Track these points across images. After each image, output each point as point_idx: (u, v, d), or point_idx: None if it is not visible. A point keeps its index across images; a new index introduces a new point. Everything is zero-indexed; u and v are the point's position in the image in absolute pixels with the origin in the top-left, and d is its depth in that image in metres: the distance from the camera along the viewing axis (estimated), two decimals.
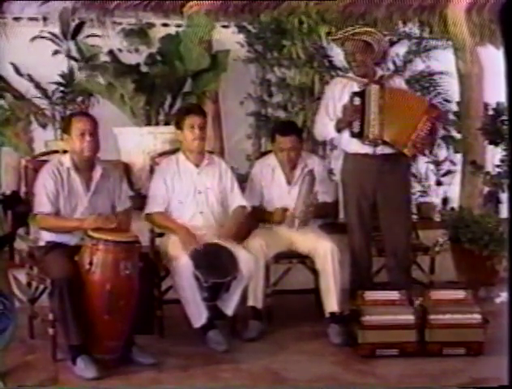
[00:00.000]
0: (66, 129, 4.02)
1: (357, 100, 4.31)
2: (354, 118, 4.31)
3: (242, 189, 4.53)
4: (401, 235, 4.49)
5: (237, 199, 4.41)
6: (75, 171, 3.96)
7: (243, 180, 4.71)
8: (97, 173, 4.00)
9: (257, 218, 4.57)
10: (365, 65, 4.40)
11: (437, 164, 5.94)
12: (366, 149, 4.38)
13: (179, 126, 4.37)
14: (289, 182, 4.56)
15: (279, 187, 4.56)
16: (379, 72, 4.53)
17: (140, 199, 4.71)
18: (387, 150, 4.38)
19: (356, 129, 4.33)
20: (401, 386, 3.65)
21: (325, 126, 4.48)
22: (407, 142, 4.29)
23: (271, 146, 4.73)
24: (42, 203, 3.89)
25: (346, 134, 4.41)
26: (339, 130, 4.41)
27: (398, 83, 4.60)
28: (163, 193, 4.31)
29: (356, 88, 4.38)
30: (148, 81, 5.56)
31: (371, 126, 4.29)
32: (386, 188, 4.41)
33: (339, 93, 4.44)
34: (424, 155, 4.99)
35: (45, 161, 4.09)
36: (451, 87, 5.42)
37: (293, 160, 4.54)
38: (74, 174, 3.96)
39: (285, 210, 4.45)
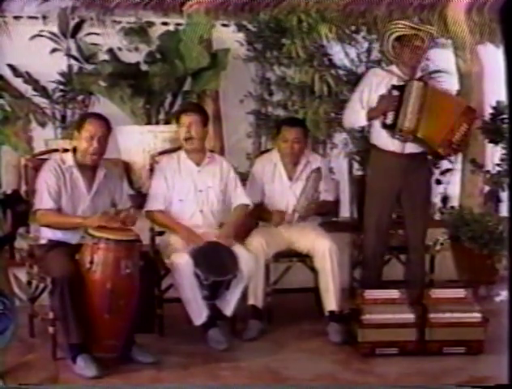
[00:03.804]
0: (77, 127, 4.00)
1: (396, 93, 4.31)
2: (389, 109, 4.31)
3: (243, 187, 4.54)
4: (421, 232, 4.57)
5: (241, 197, 4.41)
6: (78, 170, 3.96)
7: (243, 178, 4.71)
8: (101, 173, 4.00)
9: (256, 216, 4.58)
10: (417, 61, 4.43)
11: (435, 162, 5.93)
12: (395, 145, 4.39)
13: (177, 124, 4.40)
14: (291, 178, 4.57)
15: (280, 183, 4.57)
16: (418, 72, 4.55)
17: (140, 198, 4.71)
18: (414, 149, 4.40)
19: (390, 120, 4.33)
20: (401, 385, 3.65)
21: (356, 113, 4.47)
22: (442, 141, 4.31)
23: (275, 140, 4.74)
24: (44, 200, 3.88)
25: (376, 126, 4.43)
26: (370, 119, 4.42)
27: (435, 83, 4.65)
28: (163, 191, 4.31)
29: (396, 82, 4.38)
30: (147, 81, 5.57)
31: (407, 120, 4.28)
32: (410, 187, 4.46)
33: (376, 84, 4.43)
34: (457, 155, 5.05)
35: (45, 160, 4.08)
36: (451, 86, 5.40)
37: (296, 153, 4.54)
38: (76, 173, 3.95)
39: (283, 212, 4.46)
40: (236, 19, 5.88)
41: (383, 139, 4.43)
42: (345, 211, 5.48)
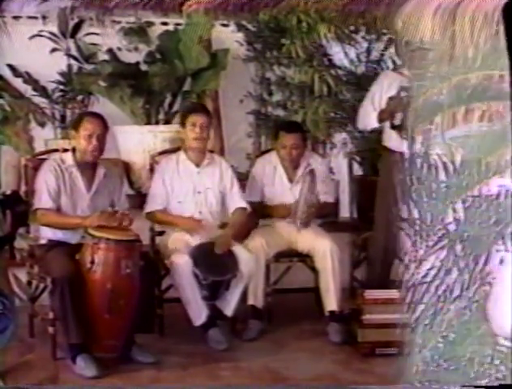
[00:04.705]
0: (75, 126, 4.01)
1: (404, 94, 4.32)
2: (398, 110, 4.32)
3: (242, 187, 4.53)
4: None
5: (237, 201, 4.39)
6: (78, 169, 3.96)
7: (243, 178, 4.71)
8: (100, 173, 4.00)
9: (259, 213, 4.57)
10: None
11: None
12: (404, 146, 4.39)
13: (182, 124, 4.38)
14: (291, 181, 4.57)
15: (280, 185, 4.56)
16: None
17: (140, 198, 4.71)
18: None
19: (398, 121, 4.34)
20: (401, 385, 3.65)
21: (368, 115, 4.49)
22: None
23: (273, 143, 4.73)
24: (43, 199, 3.89)
25: (387, 128, 4.44)
26: (380, 120, 4.43)
27: None
28: (162, 192, 4.31)
29: (406, 84, 4.39)
30: (147, 81, 5.57)
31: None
32: None
33: (387, 85, 4.44)
34: None
35: (45, 160, 4.09)
36: None
37: (295, 158, 4.54)
38: (76, 172, 3.96)
39: (288, 205, 4.44)
40: (236, 19, 5.87)
41: (393, 141, 4.43)
42: (345, 212, 5.48)
